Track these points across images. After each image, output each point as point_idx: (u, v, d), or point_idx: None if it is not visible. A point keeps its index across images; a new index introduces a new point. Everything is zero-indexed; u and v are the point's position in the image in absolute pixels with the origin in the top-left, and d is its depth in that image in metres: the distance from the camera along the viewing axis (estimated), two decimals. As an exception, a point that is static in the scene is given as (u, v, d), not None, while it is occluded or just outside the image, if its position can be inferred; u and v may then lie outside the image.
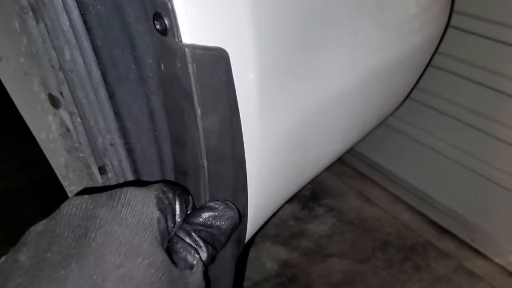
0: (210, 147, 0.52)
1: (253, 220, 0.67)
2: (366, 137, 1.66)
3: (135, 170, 0.70)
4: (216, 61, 0.49)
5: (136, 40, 0.55)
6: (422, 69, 1.14)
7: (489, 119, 1.39)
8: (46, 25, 0.67)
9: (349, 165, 2.01)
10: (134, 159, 0.69)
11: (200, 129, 0.50)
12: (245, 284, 1.45)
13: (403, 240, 1.65)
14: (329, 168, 1.98)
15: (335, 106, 0.76)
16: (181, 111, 0.52)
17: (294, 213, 1.77)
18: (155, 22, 0.48)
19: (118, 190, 0.46)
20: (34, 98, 0.77)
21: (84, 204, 0.44)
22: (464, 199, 1.61)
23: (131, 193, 0.45)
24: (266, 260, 1.56)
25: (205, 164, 0.52)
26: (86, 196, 0.45)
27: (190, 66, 0.47)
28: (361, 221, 1.73)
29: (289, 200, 1.77)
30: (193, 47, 0.47)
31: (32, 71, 0.76)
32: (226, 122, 0.53)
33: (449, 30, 1.33)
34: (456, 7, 1.30)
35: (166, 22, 0.47)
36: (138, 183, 0.63)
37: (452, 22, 1.33)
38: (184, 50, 0.47)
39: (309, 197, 1.86)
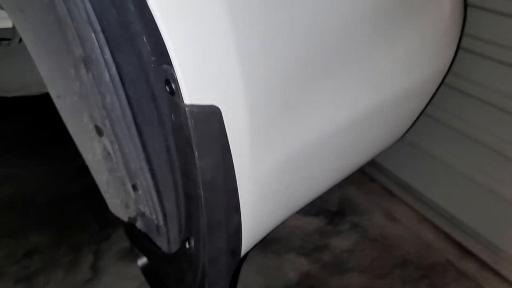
0: (205, 180, 0.70)
1: (249, 238, 0.85)
2: (396, 157, 1.78)
3: (157, 190, 0.90)
4: (210, 116, 0.67)
5: (156, 94, 0.75)
6: (426, 101, 1.26)
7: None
8: (93, 75, 0.88)
9: (378, 183, 2.13)
10: (156, 181, 0.88)
11: (198, 167, 0.68)
12: (267, 291, 1.61)
13: (423, 259, 1.75)
14: (358, 185, 2.12)
15: (324, 146, 0.92)
16: (184, 152, 0.70)
17: (319, 228, 1.92)
18: (166, 85, 0.67)
19: None
20: (83, 128, 0.99)
21: None
22: (490, 222, 1.68)
23: None
24: (289, 270, 1.72)
25: (202, 193, 0.70)
26: None
27: (189, 120, 0.66)
28: (383, 238, 1.85)
29: (315, 215, 1.92)
30: (192, 106, 0.65)
31: (83, 107, 0.97)
32: (219, 162, 0.71)
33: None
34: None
35: (173, 86, 0.66)
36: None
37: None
38: (185, 109, 0.65)
39: (335, 212, 2.00)
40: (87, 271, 1.64)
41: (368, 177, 2.21)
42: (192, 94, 0.65)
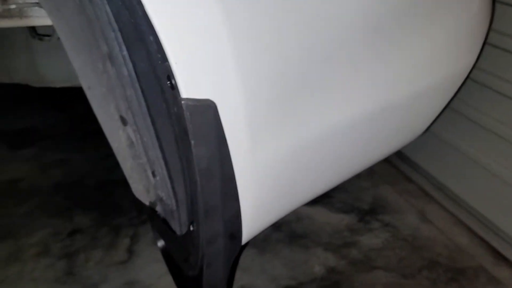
0: (201, 168, 0.78)
1: (250, 225, 0.91)
2: (435, 157, 1.78)
3: (170, 177, 0.98)
4: (205, 109, 0.75)
5: (164, 89, 0.83)
6: (450, 97, 1.26)
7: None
8: (116, 70, 0.98)
9: (414, 183, 2.12)
10: (169, 169, 0.97)
11: (194, 155, 0.76)
12: (291, 282, 1.67)
13: (453, 262, 1.74)
14: (393, 185, 2.12)
15: (330, 140, 0.96)
16: (184, 141, 0.78)
17: (350, 225, 1.95)
18: (168, 81, 0.76)
19: None
20: (110, 117, 1.10)
21: None
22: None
23: None
24: (315, 264, 1.76)
25: (198, 179, 0.78)
26: None
27: (185, 113, 0.74)
28: (414, 239, 1.85)
29: (347, 212, 1.96)
30: (187, 100, 0.73)
31: (110, 98, 1.08)
32: (215, 151, 0.78)
33: None
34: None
35: (173, 82, 0.74)
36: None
37: None
38: (181, 102, 0.73)
39: (367, 211, 2.02)
40: (123, 253, 1.77)
41: (404, 176, 2.20)
42: (188, 89, 0.73)
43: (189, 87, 0.73)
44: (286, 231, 1.91)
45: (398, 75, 1.06)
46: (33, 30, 1.41)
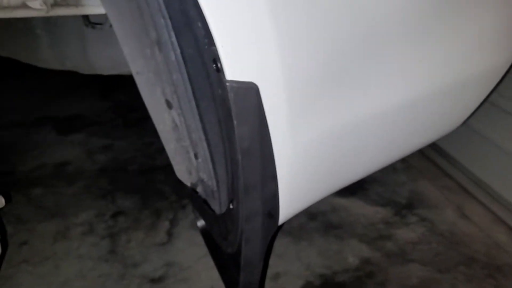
0: (243, 147, 0.83)
1: (287, 205, 0.96)
2: (474, 154, 1.77)
3: (211, 158, 1.04)
4: (248, 91, 0.80)
5: (209, 72, 0.89)
6: (489, 90, 1.26)
7: None
8: (164, 55, 1.04)
9: (453, 179, 2.10)
10: (211, 150, 1.03)
11: (236, 134, 0.81)
12: (325, 271, 1.70)
13: (491, 259, 1.72)
14: (431, 180, 2.11)
15: (369, 127, 0.99)
16: (227, 121, 0.83)
17: (385, 218, 1.96)
18: (214, 64, 0.81)
19: None
20: (157, 101, 1.17)
21: None
22: None
23: None
24: (349, 254, 1.79)
25: (240, 158, 0.83)
26: None
27: (229, 94, 0.79)
28: (451, 235, 1.84)
29: (383, 205, 1.97)
30: (232, 82, 0.78)
31: (157, 83, 1.15)
32: (256, 132, 0.83)
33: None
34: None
35: (219, 65, 0.79)
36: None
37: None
38: (226, 84, 0.78)
39: (404, 205, 2.02)
40: (163, 235, 1.85)
41: (443, 172, 2.19)
42: (232, 71, 0.78)
43: (233, 70, 0.78)
44: (321, 221, 1.94)
45: (441, 64, 1.07)
46: (86, 18, 1.50)
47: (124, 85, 3.12)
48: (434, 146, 2.25)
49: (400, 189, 2.14)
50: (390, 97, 1.02)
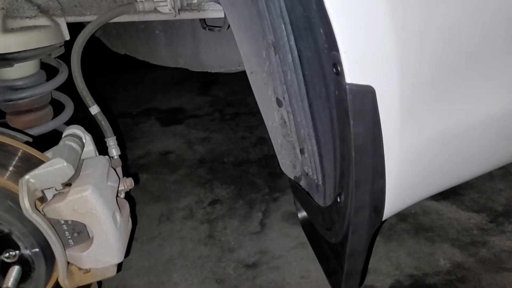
0: (357, 144, 0.89)
1: (391, 201, 1.01)
2: None
3: (319, 153, 1.12)
4: (365, 93, 0.86)
5: (326, 74, 0.96)
6: None
7: None
8: (279, 57, 1.14)
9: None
10: (319, 146, 1.10)
11: (352, 132, 0.88)
12: (415, 272, 1.71)
13: None
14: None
15: (478, 133, 1.02)
16: (343, 120, 0.90)
17: (480, 224, 1.92)
18: (333, 68, 0.88)
19: None
20: (267, 98, 1.26)
21: None
22: None
23: None
24: (440, 258, 1.78)
25: (353, 154, 0.90)
26: None
27: (348, 95, 0.85)
28: (552, 246, 1.77)
29: (477, 211, 1.93)
30: (351, 85, 0.85)
31: (269, 82, 1.24)
32: (370, 131, 0.89)
33: None
34: None
35: (339, 69, 0.86)
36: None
37: None
38: (346, 86, 0.85)
39: (501, 212, 1.96)
40: (256, 225, 1.96)
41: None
42: (352, 75, 0.85)
43: (353, 73, 0.84)
44: (412, 223, 1.95)
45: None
46: (203, 21, 1.64)
47: (221, 82, 3.29)
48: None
49: (496, 197, 2.08)
50: (499, 103, 1.03)
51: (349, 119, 0.87)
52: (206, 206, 2.07)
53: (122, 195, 1.20)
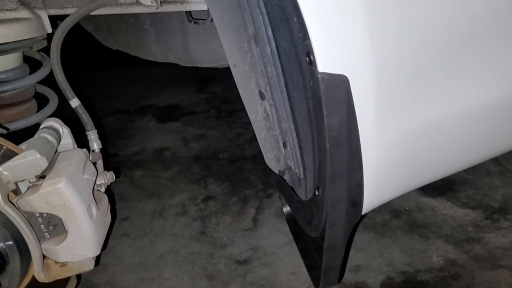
0: (331, 136, 0.87)
1: (371, 195, 0.98)
2: None
3: (300, 147, 1.09)
4: (338, 83, 0.84)
5: (302, 64, 0.94)
6: None
7: None
8: (260, 49, 1.12)
9: (555, 185, 1.97)
10: (299, 139, 1.08)
11: (325, 123, 0.86)
12: (407, 268, 1.68)
13: None
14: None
15: (458, 125, 0.99)
16: (317, 111, 0.88)
17: (475, 221, 1.89)
18: (307, 57, 0.86)
19: None
20: (251, 92, 1.24)
21: None
22: None
23: None
24: (434, 254, 1.75)
25: (327, 146, 0.87)
26: None
27: (321, 85, 0.83)
28: (548, 243, 1.73)
29: (473, 208, 1.90)
30: (323, 74, 0.83)
31: (252, 75, 1.22)
32: (344, 122, 0.87)
33: None
34: None
35: (312, 58, 0.84)
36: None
37: None
38: (318, 76, 0.83)
39: (497, 209, 1.93)
40: (249, 221, 1.94)
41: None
42: (324, 64, 0.82)
43: (326, 62, 0.82)
44: (406, 219, 1.92)
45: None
46: (189, 14, 1.63)
47: (218, 79, 3.28)
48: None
49: (493, 193, 2.04)
50: (484, 95, 1.00)
51: (323, 109, 0.85)
52: (199, 203, 2.05)
53: (103, 189, 1.18)
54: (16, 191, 1.00)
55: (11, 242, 0.98)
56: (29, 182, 0.99)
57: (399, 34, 0.85)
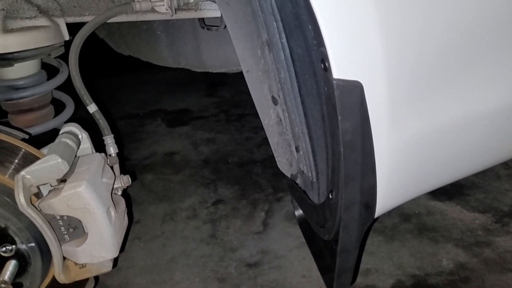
0: (346, 140, 0.89)
1: (383, 198, 1.01)
2: None
3: (313, 151, 1.12)
4: (352, 89, 0.86)
5: (316, 71, 0.96)
6: None
7: None
8: (273, 55, 1.14)
9: None
10: (312, 144, 1.11)
11: (340, 128, 0.88)
12: (417, 272, 1.70)
13: None
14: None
15: (471, 128, 1.01)
16: (331, 116, 0.91)
17: (485, 224, 1.90)
18: (321, 64, 0.88)
19: None
20: (263, 97, 1.27)
21: None
22: None
23: None
24: (443, 258, 1.77)
25: (342, 150, 0.90)
26: None
27: (335, 91, 0.86)
28: (558, 247, 1.74)
29: (483, 212, 1.91)
30: (338, 80, 0.85)
31: (264, 81, 1.25)
32: (358, 126, 0.89)
33: None
34: None
35: (326, 65, 0.87)
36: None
37: None
38: (333, 82, 0.85)
39: (506, 212, 1.94)
40: (259, 225, 1.96)
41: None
42: (339, 70, 0.85)
43: (340, 69, 0.85)
44: (415, 223, 1.93)
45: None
46: (202, 21, 1.66)
47: (227, 83, 3.32)
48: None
49: (502, 197, 2.05)
50: (494, 99, 1.02)
51: (337, 114, 0.87)
52: (209, 206, 2.08)
53: (119, 192, 1.22)
54: (38, 195, 1.03)
55: (33, 244, 1.01)
56: (51, 186, 1.02)
57: (414, 41, 0.88)
